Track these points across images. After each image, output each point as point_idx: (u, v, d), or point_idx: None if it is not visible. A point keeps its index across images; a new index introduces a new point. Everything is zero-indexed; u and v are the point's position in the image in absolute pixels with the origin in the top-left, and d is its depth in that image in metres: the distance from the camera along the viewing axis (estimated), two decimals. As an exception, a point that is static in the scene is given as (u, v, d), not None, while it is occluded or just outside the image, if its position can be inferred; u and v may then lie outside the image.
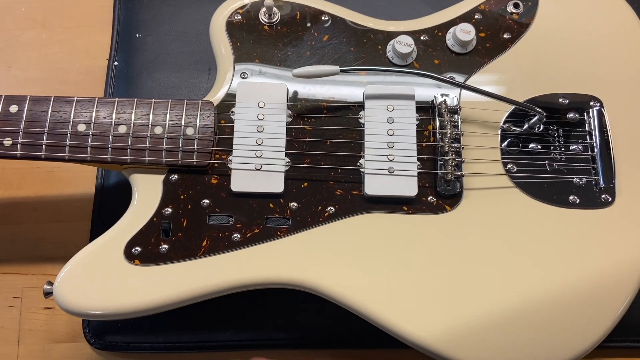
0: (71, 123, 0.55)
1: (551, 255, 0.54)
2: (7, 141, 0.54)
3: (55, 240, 0.68)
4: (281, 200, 0.55)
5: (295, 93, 0.58)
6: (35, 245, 0.68)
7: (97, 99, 0.56)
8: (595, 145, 0.58)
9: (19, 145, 0.54)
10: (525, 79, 0.59)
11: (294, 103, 0.58)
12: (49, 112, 0.55)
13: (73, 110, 0.55)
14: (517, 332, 0.52)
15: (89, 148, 0.54)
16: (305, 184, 0.56)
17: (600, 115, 0.58)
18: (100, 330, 0.63)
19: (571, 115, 0.59)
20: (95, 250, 0.53)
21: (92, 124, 0.55)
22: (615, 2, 0.62)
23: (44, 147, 0.54)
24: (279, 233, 0.54)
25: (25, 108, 0.55)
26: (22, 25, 0.77)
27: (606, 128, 0.58)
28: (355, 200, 0.55)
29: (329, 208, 0.55)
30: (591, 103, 0.59)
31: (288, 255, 0.54)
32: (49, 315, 0.65)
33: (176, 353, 0.63)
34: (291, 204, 0.55)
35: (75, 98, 0.56)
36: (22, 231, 0.68)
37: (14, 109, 0.55)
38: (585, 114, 0.59)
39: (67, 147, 0.54)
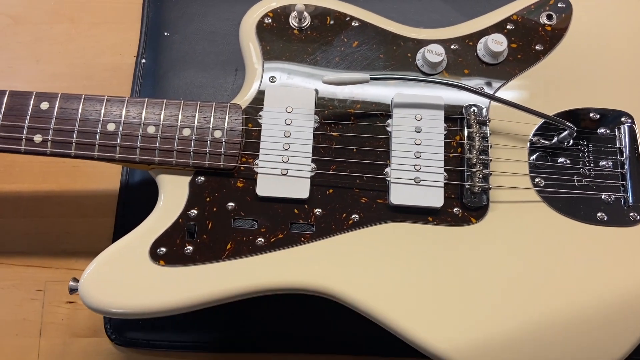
0: (101, 122, 0.55)
1: (576, 271, 0.54)
2: (38, 138, 0.55)
3: (78, 235, 0.68)
4: (306, 206, 0.55)
5: (323, 99, 0.58)
6: (58, 239, 0.69)
7: (127, 98, 0.56)
8: (625, 162, 0.57)
9: (49, 143, 0.55)
10: (556, 92, 0.59)
11: (322, 109, 0.58)
12: (80, 110, 0.56)
13: (103, 109, 0.56)
14: (539, 347, 0.52)
15: (118, 147, 0.55)
16: (331, 190, 0.56)
17: (632, 131, 0.58)
18: (122, 326, 0.63)
19: (602, 130, 0.58)
20: (121, 249, 0.53)
21: (122, 123, 0.55)
22: (652, 17, 0.61)
23: (73, 144, 0.55)
24: (302, 239, 0.54)
25: (56, 105, 0.56)
26: (51, 19, 0.78)
27: (637, 145, 0.57)
28: (380, 209, 0.55)
29: (353, 216, 0.55)
30: (623, 119, 0.58)
31: (311, 261, 0.54)
32: (71, 310, 0.66)
33: (196, 353, 0.64)
34: (316, 211, 0.55)
35: (106, 97, 0.56)
36: (46, 225, 0.69)
37: (44, 105, 0.56)
38: (616, 129, 0.58)
39: (97, 146, 0.55)
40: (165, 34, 0.74)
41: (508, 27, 0.61)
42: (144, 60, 0.74)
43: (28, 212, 0.69)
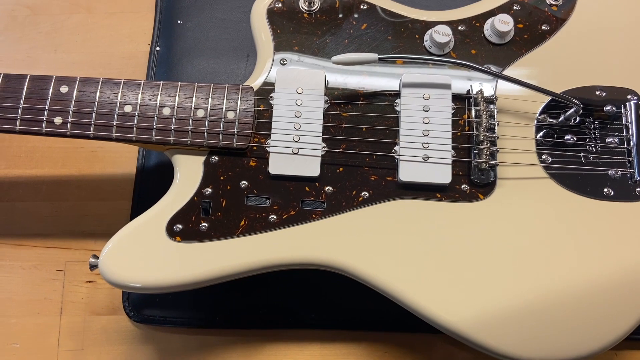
0: (118, 104, 0.57)
1: (583, 246, 0.55)
2: (58, 120, 0.57)
3: (97, 217, 0.71)
4: (317, 184, 0.57)
5: (333, 80, 0.60)
6: (78, 222, 0.71)
7: (143, 81, 0.58)
8: (631, 138, 0.58)
9: (69, 124, 0.57)
10: (563, 71, 0.60)
11: (332, 90, 0.59)
12: (97, 93, 0.58)
13: (120, 91, 0.58)
14: (545, 321, 0.53)
15: (134, 128, 0.57)
16: (341, 168, 0.57)
17: (638, 108, 0.58)
18: (139, 304, 0.65)
19: (608, 108, 0.59)
20: (139, 226, 0.55)
21: (138, 105, 0.57)
22: (658, -5, 0.62)
23: (92, 126, 0.57)
24: (313, 216, 0.56)
25: (75, 88, 0.58)
26: (68, 9, 0.80)
27: (643, 121, 0.58)
28: (389, 186, 0.57)
29: (363, 193, 0.56)
30: (629, 96, 0.59)
31: (322, 237, 0.55)
32: (90, 289, 0.68)
33: (211, 329, 0.66)
34: (326, 188, 0.57)
35: (122, 80, 0.58)
36: (66, 208, 0.71)
37: (64, 89, 0.58)
38: (622, 107, 0.59)
39: (114, 127, 0.57)
40: (179, 22, 0.76)
41: (514, 7, 0.62)
42: (158, 48, 0.76)
43: (48, 196, 0.72)
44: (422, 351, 0.65)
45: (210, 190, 0.57)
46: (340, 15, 0.62)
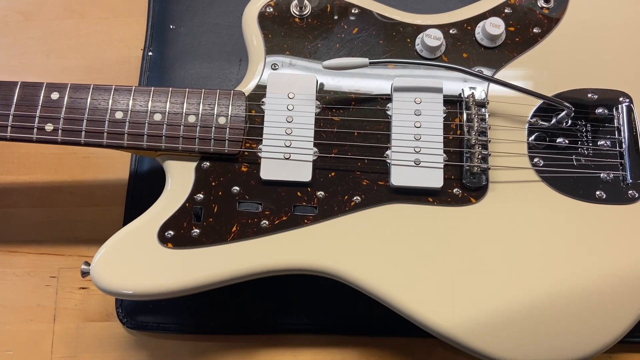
0: (109, 110, 0.57)
1: (575, 249, 0.55)
2: (49, 127, 0.57)
3: (90, 223, 0.70)
4: (309, 189, 0.57)
5: (325, 85, 0.60)
6: (71, 228, 0.71)
7: (134, 87, 0.58)
8: (623, 141, 0.58)
9: (59, 131, 0.57)
10: (554, 74, 0.60)
11: (323, 94, 0.59)
12: (88, 99, 0.57)
13: (111, 98, 0.57)
14: (538, 324, 0.53)
15: (125, 135, 0.57)
16: (333, 173, 0.57)
17: (630, 111, 0.58)
18: (133, 310, 0.65)
19: (600, 110, 0.59)
20: (131, 233, 0.55)
21: (129, 111, 0.57)
22: (648, -2, 0.62)
23: (83, 133, 0.57)
24: (305, 221, 0.56)
25: (66, 95, 0.57)
26: (60, 15, 0.80)
27: (635, 124, 0.58)
28: (381, 191, 0.57)
29: (355, 197, 0.56)
30: (620, 99, 0.59)
31: (314, 242, 0.55)
32: (84, 295, 0.68)
33: (205, 335, 0.66)
34: (318, 193, 0.56)
35: (113, 86, 0.58)
36: (59, 214, 0.71)
37: (55, 95, 0.58)
38: (614, 109, 0.59)
39: (105, 134, 0.57)
40: (171, 27, 0.76)
41: (506, 10, 0.62)
42: (150, 53, 0.75)
43: (41, 202, 0.72)
44: (417, 356, 0.65)
45: (201, 196, 0.56)
46: (332, 20, 0.62)
